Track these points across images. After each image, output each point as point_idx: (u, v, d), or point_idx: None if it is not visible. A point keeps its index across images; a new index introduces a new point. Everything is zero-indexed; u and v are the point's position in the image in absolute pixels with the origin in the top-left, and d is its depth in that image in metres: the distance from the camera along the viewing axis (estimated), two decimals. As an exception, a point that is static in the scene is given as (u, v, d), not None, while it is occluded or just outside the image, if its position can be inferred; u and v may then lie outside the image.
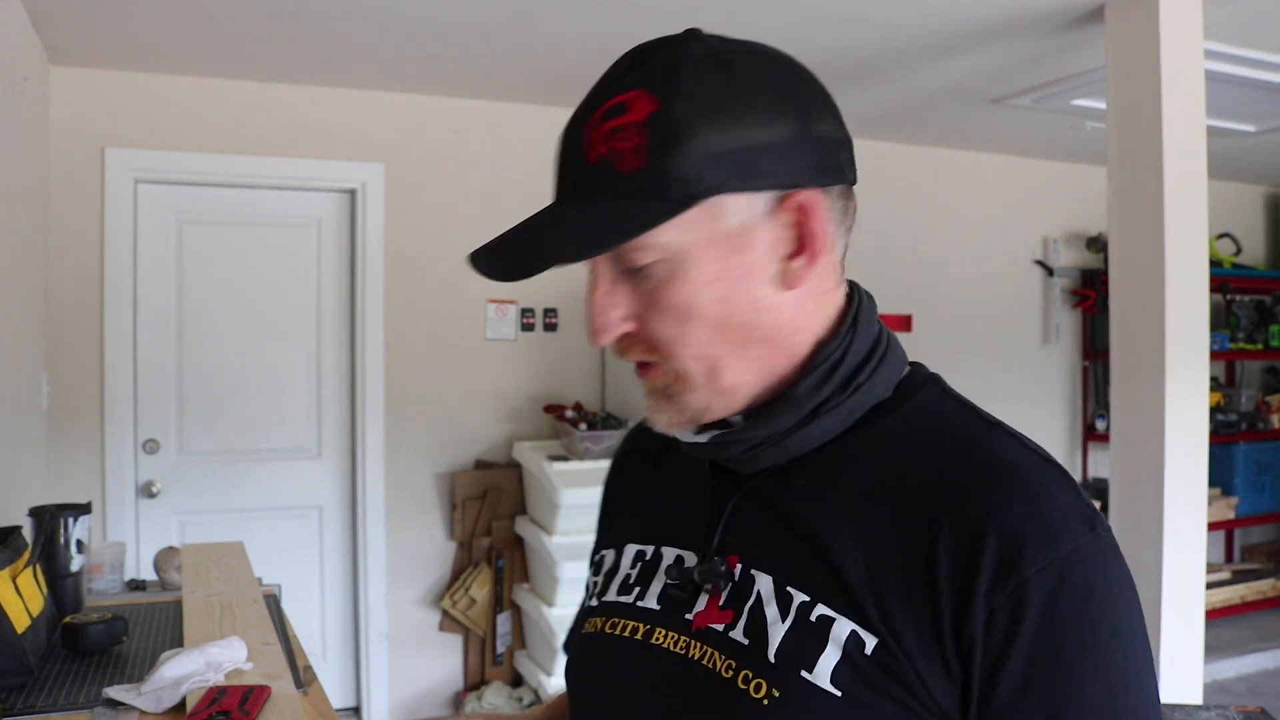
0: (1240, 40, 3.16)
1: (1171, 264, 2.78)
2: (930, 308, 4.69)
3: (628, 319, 0.71)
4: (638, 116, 0.66)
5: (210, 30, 3.15)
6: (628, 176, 0.67)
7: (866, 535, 0.68)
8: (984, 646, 0.64)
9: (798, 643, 0.68)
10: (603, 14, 3.02)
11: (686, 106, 0.66)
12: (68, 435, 3.48)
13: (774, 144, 0.68)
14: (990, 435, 0.71)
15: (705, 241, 0.68)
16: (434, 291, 3.96)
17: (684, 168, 0.66)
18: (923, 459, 0.70)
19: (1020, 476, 0.68)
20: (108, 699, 1.37)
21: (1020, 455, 0.69)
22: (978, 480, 0.67)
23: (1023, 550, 0.64)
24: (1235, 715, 1.73)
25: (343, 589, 3.94)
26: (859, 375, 0.73)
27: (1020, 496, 0.66)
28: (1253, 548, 5.59)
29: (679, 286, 0.69)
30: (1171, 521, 2.77)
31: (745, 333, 0.71)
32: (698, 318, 0.69)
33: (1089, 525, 0.66)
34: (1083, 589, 0.64)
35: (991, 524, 0.65)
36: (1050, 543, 0.64)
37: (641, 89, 0.67)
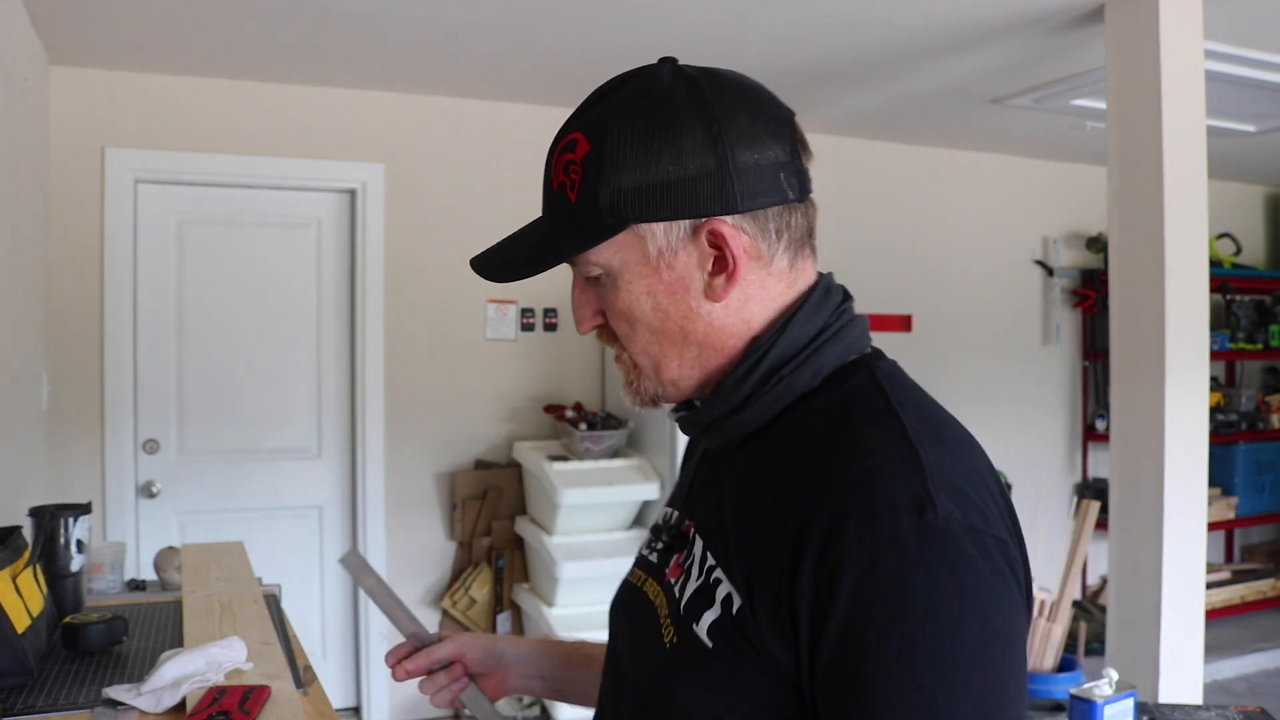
0: (1240, 40, 3.16)
1: (1171, 264, 2.78)
2: (930, 308, 4.69)
3: (596, 314, 0.85)
4: (578, 155, 0.80)
5: (210, 30, 3.15)
6: (574, 205, 0.80)
7: (756, 512, 0.78)
8: (807, 615, 0.71)
9: (697, 598, 0.79)
10: (602, 14, 3.01)
11: (613, 149, 0.78)
12: (68, 435, 3.48)
13: (691, 178, 0.78)
14: (871, 420, 0.77)
15: (635, 261, 0.81)
16: (434, 291, 3.96)
17: (608, 201, 0.78)
18: (809, 442, 0.78)
19: (864, 458, 0.73)
20: (108, 699, 1.37)
21: (880, 436, 0.74)
22: (831, 461, 0.74)
23: (844, 529, 0.69)
24: (1235, 715, 1.73)
25: (343, 589, 3.94)
26: (783, 369, 0.82)
27: (855, 478, 0.72)
28: (1253, 548, 5.59)
29: (620, 296, 0.82)
30: (1171, 521, 2.77)
31: (681, 336, 0.83)
32: (639, 322, 0.83)
33: (917, 512, 0.69)
34: (895, 572, 0.68)
35: (825, 502, 0.71)
36: (868, 525, 0.69)
37: (580, 133, 0.80)
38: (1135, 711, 1.65)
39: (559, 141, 0.82)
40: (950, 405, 0.84)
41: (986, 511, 0.72)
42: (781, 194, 0.80)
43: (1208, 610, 2.97)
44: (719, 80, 0.81)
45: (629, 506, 3.78)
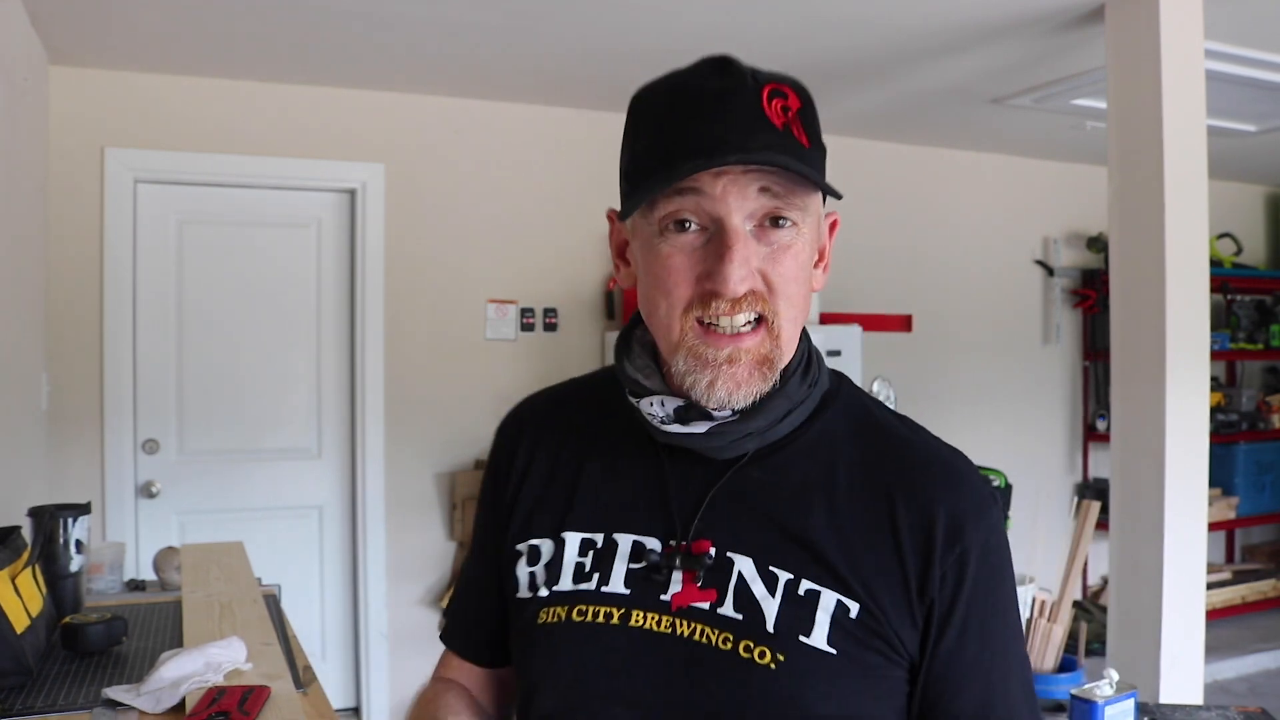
0: (1240, 40, 3.16)
1: (1172, 264, 2.78)
2: (930, 308, 4.69)
3: (753, 275, 0.80)
4: (794, 106, 0.80)
5: (210, 30, 3.15)
6: (807, 150, 0.80)
7: (834, 521, 0.82)
8: (939, 599, 0.82)
9: (792, 613, 0.80)
10: (602, 14, 3.01)
11: (816, 114, 0.83)
12: (67, 435, 3.48)
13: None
14: (911, 429, 0.89)
15: (814, 222, 0.84)
16: (434, 291, 3.96)
17: (820, 160, 0.82)
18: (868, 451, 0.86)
19: (949, 464, 0.86)
20: (107, 699, 1.37)
21: (941, 446, 0.88)
22: (919, 468, 0.85)
23: (964, 524, 0.83)
24: (1236, 715, 1.73)
25: (343, 589, 3.94)
26: (815, 371, 0.87)
27: (953, 481, 0.85)
28: (1253, 548, 5.59)
29: (797, 249, 0.81)
30: (1172, 521, 2.77)
31: (804, 312, 0.84)
32: (803, 283, 0.83)
33: (994, 500, 0.87)
34: (997, 549, 0.85)
35: (940, 505, 0.83)
36: (979, 517, 0.84)
37: (790, 88, 0.81)
38: (1136, 712, 1.65)
39: (759, 91, 0.79)
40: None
41: None
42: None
43: (1208, 610, 2.97)
44: None
45: (629, 506, 3.77)
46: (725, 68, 0.81)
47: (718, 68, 0.81)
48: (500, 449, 0.98)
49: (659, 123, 0.81)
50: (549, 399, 1.00)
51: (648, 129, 0.82)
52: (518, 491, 0.94)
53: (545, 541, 0.89)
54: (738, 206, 0.78)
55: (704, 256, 0.79)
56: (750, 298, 0.79)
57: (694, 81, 0.81)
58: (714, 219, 0.78)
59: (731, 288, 0.78)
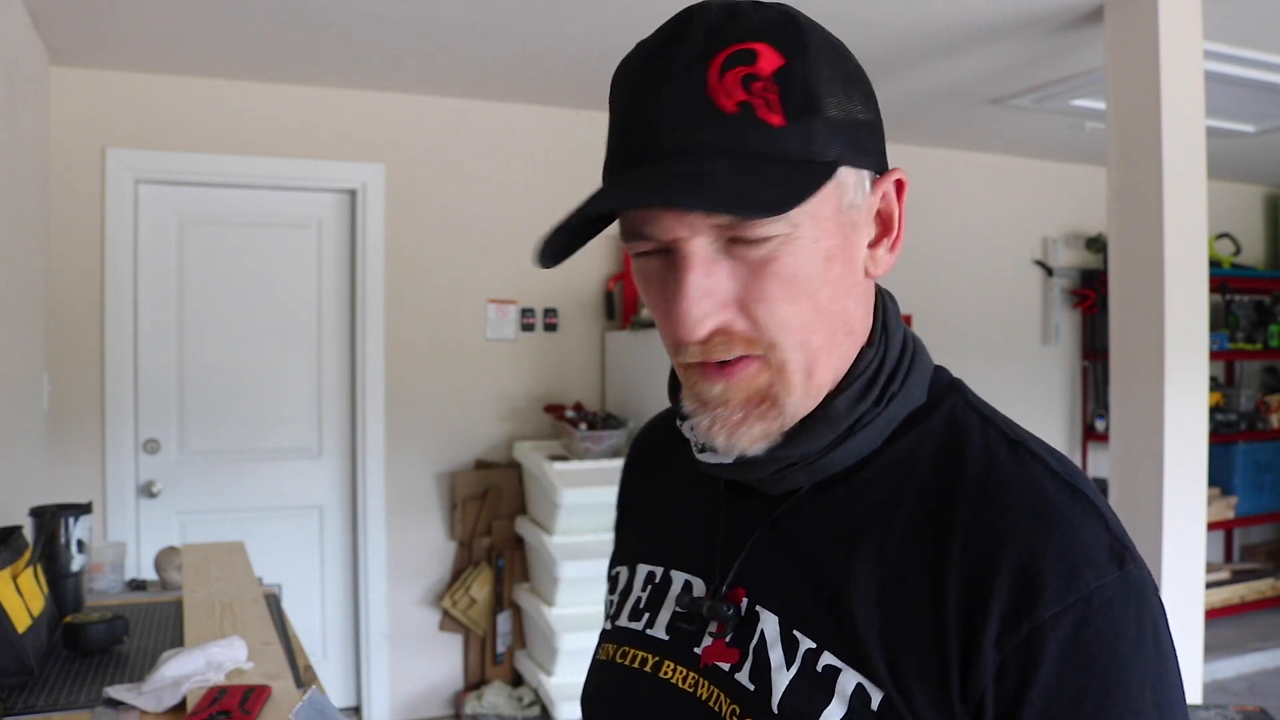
0: (1240, 41, 3.16)
1: (1171, 264, 2.79)
2: (930, 308, 4.69)
3: (725, 305, 0.62)
4: (766, 69, 0.59)
5: (210, 30, 3.15)
6: (778, 132, 0.59)
7: (877, 576, 0.63)
8: (994, 698, 0.58)
9: (803, 692, 0.63)
10: (602, 14, 3.02)
11: (813, 68, 0.61)
12: (68, 435, 3.48)
13: (870, 122, 0.64)
14: (1013, 458, 0.64)
15: (829, 214, 0.62)
16: (434, 291, 3.96)
17: (820, 132, 0.60)
18: (945, 482, 0.63)
19: (1040, 507, 0.61)
20: (108, 698, 1.37)
21: (1042, 482, 0.62)
22: (992, 512, 0.61)
23: (1039, 591, 0.58)
24: (1235, 715, 1.73)
25: (343, 589, 3.94)
26: (892, 384, 0.66)
27: (1039, 531, 0.59)
28: (1252, 547, 5.59)
29: (796, 261, 0.61)
30: (1171, 521, 2.78)
31: (841, 323, 0.64)
32: (808, 297, 0.62)
33: (1118, 562, 0.60)
34: (1108, 634, 0.58)
35: (1003, 562, 0.59)
36: (1069, 583, 0.58)
37: (766, 42, 0.60)
38: (1134, 711, 1.65)
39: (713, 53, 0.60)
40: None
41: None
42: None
43: (1207, 610, 2.98)
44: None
45: (629, 506, 3.77)
46: (675, 29, 0.63)
47: (669, 29, 0.64)
48: (623, 474, 0.91)
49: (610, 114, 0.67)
50: (662, 418, 0.88)
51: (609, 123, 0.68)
52: (624, 513, 0.88)
53: (624, 569, 0.81)
54: (688, 230, 0.60)
55: (667, 286, 0.62)
56: (723, 338, 0.62)
57: (638, 58, 0.65)
58: (666, 242, 0.62)
59: (687, 332, 0.61)
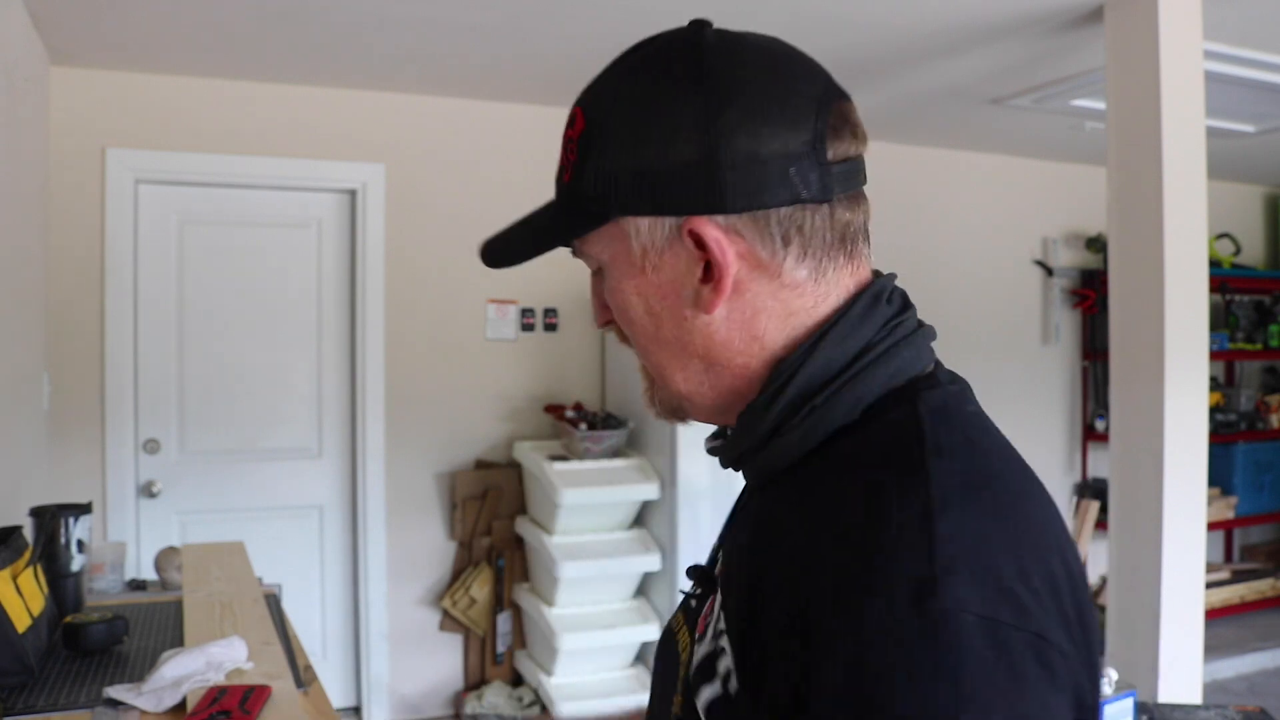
0: (1240, 41, 3.16)
1: (1171, 264, 2.79)
2: (930, 308, 4.60)
3: (605, 308, 0.75)
4: (574, 133, 0.71)
5: (210, 30, 3.15)
6: (565, 187, 0.72)
7: (760, 574, 0.65)
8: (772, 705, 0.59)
9: (702, 667, 0.68)
10: (602, 14, 3.02)
11: (606, 127, 0.69)
12: (68, 435, 3.48)
13: (676, 167, 0.66)
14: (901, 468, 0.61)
15: (622, 257, 0.71)
16: (434, 291, 3.97)
17: (595, 186, 0.69)
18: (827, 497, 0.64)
19: (870, 525, 0.58)
20: (108, 698, 1.37)
21: (895, 497, 0.59)
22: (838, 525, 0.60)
23: (830, 615, 0.56)
24: (1235, 715, 1.73)
25: (343, 589, 3.94)
26: (815, 398, 0.67)
27: (854, 551, 0.57)
28: (1252, 547, 5.59)
29: (614, 293, 0.72)
30: (1171, 521, 2.78)
31: (679, 347, 0.71)
32: (633, 324, 0.72)
33: (914, 598, 0.54)
34: (879, 673, 0.54)
35: (821, 578, 0.58)
36: (856, 613, 0.55)
37: (579, 106, 0.72)
38: (1135, 711, 1.65)
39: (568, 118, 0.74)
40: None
41: (1024, 600, 0.56)
42: (790, 192, 0.66)
43: (1207, 610, 2.97)
44: (737, 47, 0.71)
45: (629, 506, 3.78)
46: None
47: None
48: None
49: None
50: None
51: None
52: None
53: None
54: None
55: None
56: (617, 332, 0.76)
57: None
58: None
59: (595, 322, 0.78)
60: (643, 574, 3.76)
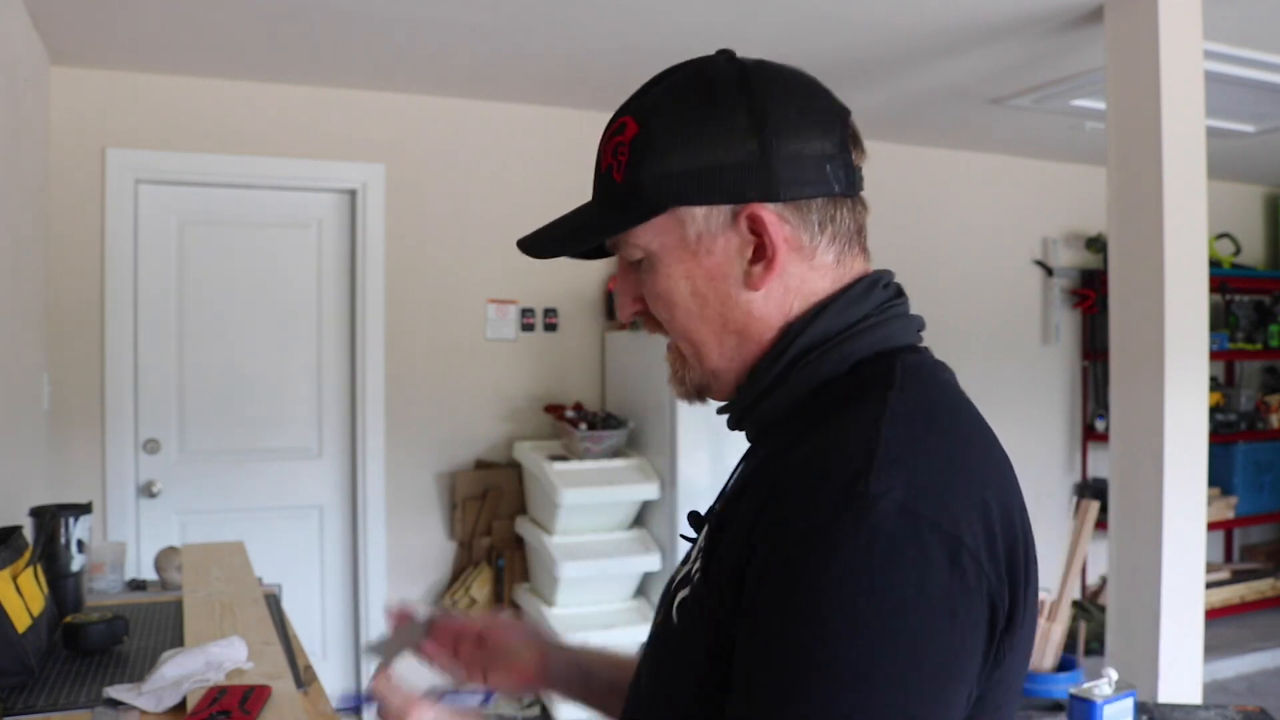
0: (1240, 41, 3.17)
1: (1171, 264, 2.79)
2: (930, 308, 4.60)
3: (636, 300, 0.85)
4: (626, 138, 0.81)
5: (210, 30, 3.15)
6: (618, 186, 0.81)
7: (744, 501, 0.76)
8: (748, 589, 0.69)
9: (681, 582, 0.82)
10: (601, 15, 3.02)
11: (660, 131, 0.79)
12: (68, 435, 3.48)
13: (734, 163, 0.78)
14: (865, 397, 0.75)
15: (674, 244, 0.81)
16: (434, 292, 3.96)
17: (650, 182, 0.79)
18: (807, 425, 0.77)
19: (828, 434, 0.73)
20: (108, 698, 1.37)
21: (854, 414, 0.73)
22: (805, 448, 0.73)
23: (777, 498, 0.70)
24: (1235, 715, 1.73)
25: (343, 589, 3.94)
26: (810, 354, 0.80)
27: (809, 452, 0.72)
28: (1252, 547, 5.59)
29: (659, 280, 0.82)
30: (1171, 521, 2.78)
31: (720, 324, 0.82)
32: (678, 307, 0.82)
33: (847, 483, 0.66)
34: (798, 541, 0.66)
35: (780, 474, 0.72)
36: (788, 492, 0.69)
37: (630, 116, 0.81)
38: (1135, 711, 1.65)
39: (610, 126, 0.83)
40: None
41: (948, 504, 0.66)
42: (827, 186, 0.79)
43: (1207, 610, 2.98)
44: (770, 70, 0.82)
45: (629, 506, 3.78)
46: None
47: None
48: None
49: None
50: None
51: None
52: None
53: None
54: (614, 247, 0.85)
55: None
56: (643, 322, 0.86)
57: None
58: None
59: (619, 315, 0.88)
60: (643, 574, 3.76)
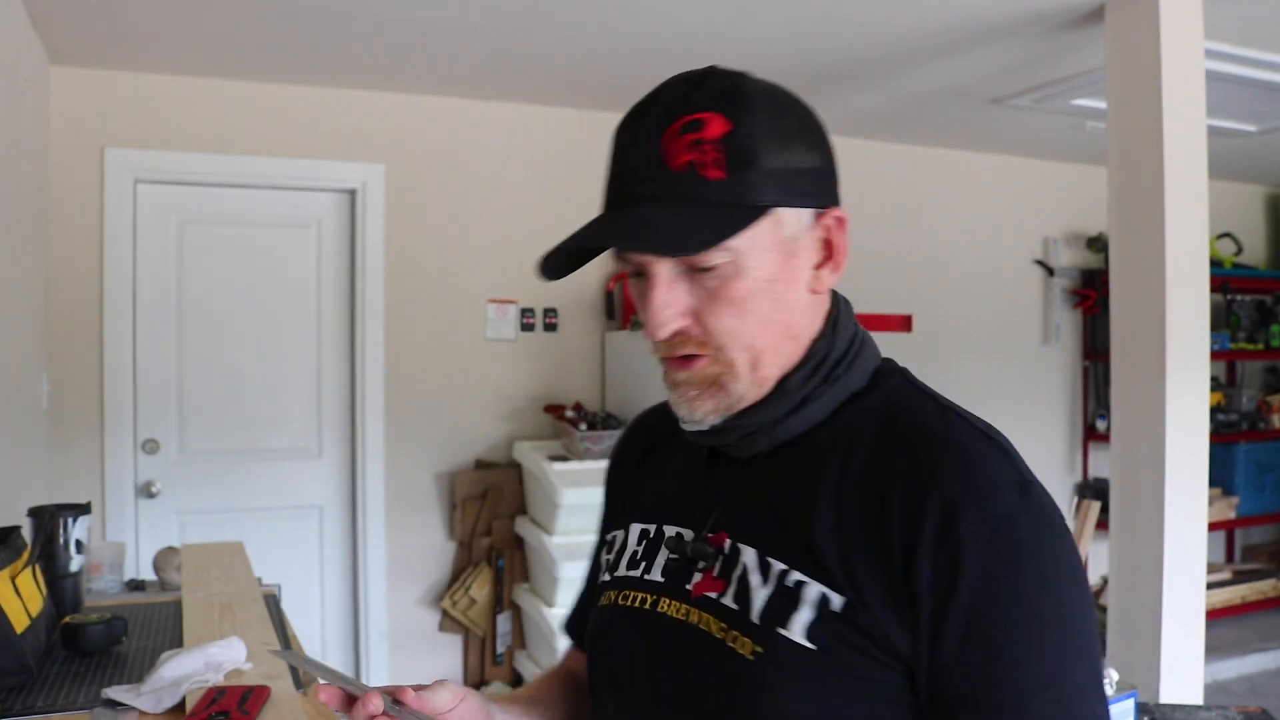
0: (1241, 40, 3.16)
1: (1172, 264, 2.78)
2: (930, 308, 4.69)
3: (684, 315, 0.81)
4: (714, 134, 0.78)
5: (210, 30, 3.15)
6: (714, 185, 0.77)
7: (835, 509, 0.79)
8: (929, 597, 0.74)
9: (776, 605, 0.78)
10: (601, 14, 3.02)
11: (754, 129, 0.78)
12: (67, 435, 3.48)
13: (813, 169, 0.81)
14: (940, 417, 0.82)
15: (768, 246, 0.80)
16: (434, 291, 3.96)
17: (755, 182, 0.78)
18: (883, 441, 0.81)
19: (957, 450, 0.78)
20: (107, 699, 1.37)
21: (963, 433, 0.80)
22: (922, 455, 0.78)
23: (959, 512, 0.74)
24: (1236, 715, 1.73)
25: (343, 589, 3.94)
26: (838, 368, 0.84)
27: (956, 467, 0.76)
28: (1254, 548, 5.58)
29: (741, 284, 0.79)
30: (1172, 521, 2.77)
31: (785, 329, 0.82)
32: (752, 313, 0.80)
33: (1022, 491, 0.76)
34: (1016, 545, 0.74)
35: (932, 491, 0.75)
36: (983, 504, 0.74)
37: (716, 111, 0.78)
38: (1136, 712, 1.65)
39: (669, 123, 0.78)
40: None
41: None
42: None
43: (1208, 610, 2.97)
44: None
45: (629, 506, 3.77)
46: (652, 97, 0.81)
47: (648, 97, 0.82)
48: (618, 450, 1.07)
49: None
50: (657, 410, 1.04)
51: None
52: (616, 488, 1.04)
53: (621, 531, 0.96)
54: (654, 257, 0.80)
55: (643, 298, 0.82)
56: (680, 339, 0.81)
57: (623, 122, 0.83)
58: (640, 264, 0.82)
59: (652, 332, 0.82)
60: (643, 574, 3.75)
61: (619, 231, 0.80)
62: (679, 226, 0.77)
